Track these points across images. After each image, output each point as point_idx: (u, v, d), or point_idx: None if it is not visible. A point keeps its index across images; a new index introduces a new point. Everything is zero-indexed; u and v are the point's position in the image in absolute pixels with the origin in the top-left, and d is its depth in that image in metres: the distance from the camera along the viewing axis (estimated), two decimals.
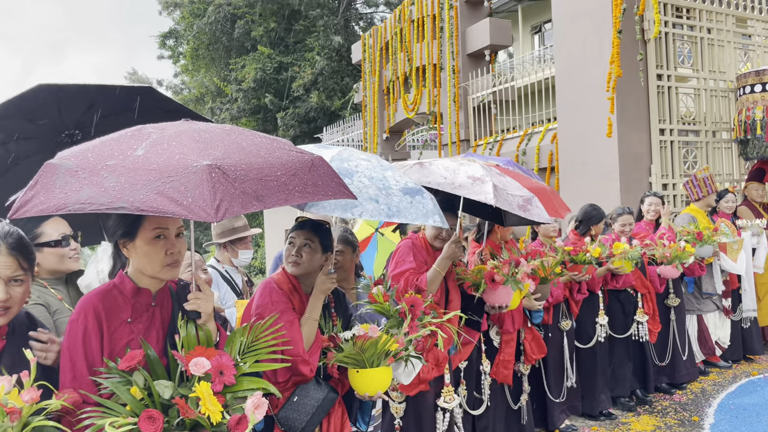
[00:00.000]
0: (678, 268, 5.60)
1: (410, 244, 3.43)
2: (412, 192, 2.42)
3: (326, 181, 1.80)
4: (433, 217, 2.38)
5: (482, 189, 3.04)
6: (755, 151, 7.07)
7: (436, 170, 3.13)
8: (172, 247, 1.93)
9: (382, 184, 2.35)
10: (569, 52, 7.66)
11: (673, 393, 5.75)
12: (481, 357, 4.05)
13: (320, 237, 2.64)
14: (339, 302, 2.78)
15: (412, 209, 2.35)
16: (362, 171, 2.36)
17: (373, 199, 2.26)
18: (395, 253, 3.43)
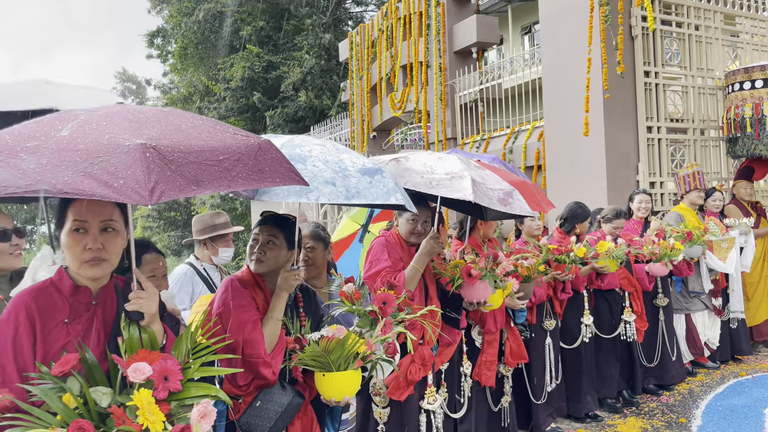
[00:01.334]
0: (667, 266, 5.50)
1: (384, 241, 3.29)
2: (371, 172, 2.28)
3: (274, 166, 1.66)
4: (395, 195, 2.25)
5: (460, 185, 2.92)
6: (744, 149, 6.97)
7: (413, 167, 3.00)
8: (93, 242, 1.75)
9: (338, 167, 2.22)
10: (556, 50, 7.56)
11: (660, 394, 5.64)
12: (462, 358, 3.91)
13: (285, 233, 2.50)
14: (308, 301, 2.64)
15: (372, 189, 2.22)
16: (316, 155, 2.22)
17: (329, 182, 2.13)
18: (369, 253, 3.29)
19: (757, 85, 6.89)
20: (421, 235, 3.33)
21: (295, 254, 2.47)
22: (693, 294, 6.14)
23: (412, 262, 3.24)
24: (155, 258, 2.44)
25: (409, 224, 3.32)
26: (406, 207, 2.37)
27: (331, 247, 3.17)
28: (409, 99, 11.41)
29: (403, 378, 3.29)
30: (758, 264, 6.84)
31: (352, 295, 2.65)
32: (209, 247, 3.93)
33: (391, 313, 2.58)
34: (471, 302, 3.35)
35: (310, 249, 3.05)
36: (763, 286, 6.91)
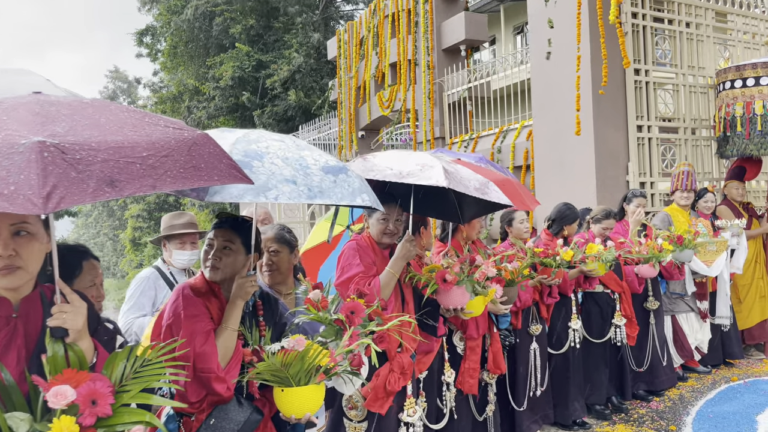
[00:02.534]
0: (655, 267, 5.34)
1: (355, 245, 3.11)
2: (335, 170, 2.11)
3: (212, 162, 1.48)
4: (361, 196, 2.08)
5: (432, 173, 2.75)
6: (735, 148, 6.83)
7: (381, 162, 2.84)
8: (3, 249, 1.55)
9: (298, 164, 2.04)
10: (544, 48, 7.39)
11: (650, 400, 5.50)
12: (443, 366, 3.74)
13: (242, 237, 2.33)
14: (269, 309, 2.46)
15: (336, 189, 2.05)
16: (274, 152, 2.05)
17: (289, 181, 1.96)
18: (340, 258, 3.11)
19: (748, 83, 6.74)
20: (394, 234, 3.16)
21: (251, 259, 2.29)
22: (675, 295, 5.99)
23: (388, 266, 3.06)
24: (94, 265, 2.24)
25: (380, 224, 3.15)
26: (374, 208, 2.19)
27: (297, 251, 2.98)
28: (398, 98, 11.24)
29: (381, 388, 3.11)
30: (750, 266, 6.70)
31: (318, 302, 2.47)
32: (167, 249, 3.73)
33: (360, 323, 2.41)
34: (447, 309, 3.18)
35: (274, 253, 2.87)
36: (755, 289, 6.78)
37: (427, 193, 3.29)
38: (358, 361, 2.20)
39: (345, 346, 2.30)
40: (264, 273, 2.84)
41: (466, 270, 3.15)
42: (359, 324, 2.41)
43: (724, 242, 6.00)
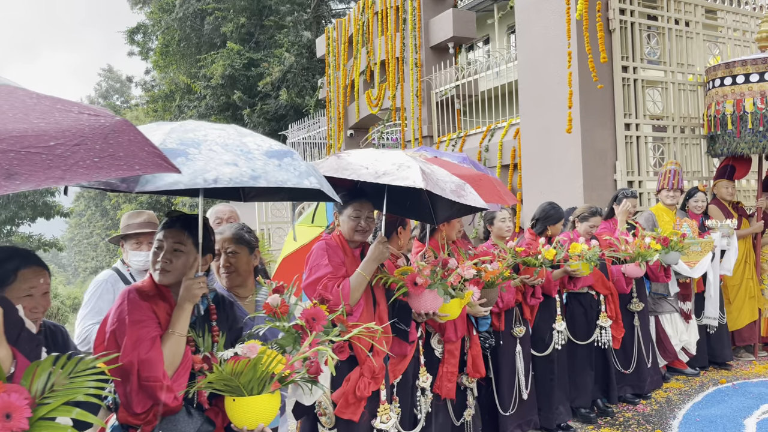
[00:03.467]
0: (641, 266, 5.23)
1: (324, 245, 2.98)
2: (279, 154, 1.99)
3: (132, 151, 1.35)
4: (309, 179, 1.95)
5: (408, 174, 2.64)
6: (725, 147, 6.71)
7: (356, 161, 2.72)
8: None
9: (240, 150, 1.92)
10: (532, 45, 7.28)
11: (637, 403, 5.39)
12: (418, 370, 3.61)
13: (194, 237, 2.20)
14: (224, 313, 2.33)
15: (281, 172, 1.92)
16: (213, 139, 1.92)
17: (230, 164, 1.83)
18: (308, 259, 2.98)
19: (738, 80, 6.63)
20: (366, 231, 3.04)
21: (199, 260, 2.16)
22: (657, 296, 5.88)
23: (359, 268, 2.94)
24: (35, 273, 2.06)
25: (351, 221, 3.02)
26: (325, 193, 2.05)
27: (258, 251, 2.84)
28: (386, 96, 11.10)
29: (351, 394, 2.99)
30: (740, 266, 6.60)
31: (277, 307, 2.34)
32: (125, 249, 3.57)
33: (321, 330, 2.28)
34: (419, 313, 3.05)
35: (231, 254, 2.73)
36: (744, 290, 6.67)
37: (400, 193, 3.17)
38: (316, 369, 2.08)
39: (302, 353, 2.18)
40: (222, 275, 2.71)
41: (438, 273, 3.02)
42: (320, 331, 2.29)
43: (709, 243, 5.89)
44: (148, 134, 1.72)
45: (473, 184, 3.70)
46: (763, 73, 6.47)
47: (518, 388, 4.71)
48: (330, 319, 2.40)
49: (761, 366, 6.33)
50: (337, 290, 2.84)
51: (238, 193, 2.60)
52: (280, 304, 2.35)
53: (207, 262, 2.28)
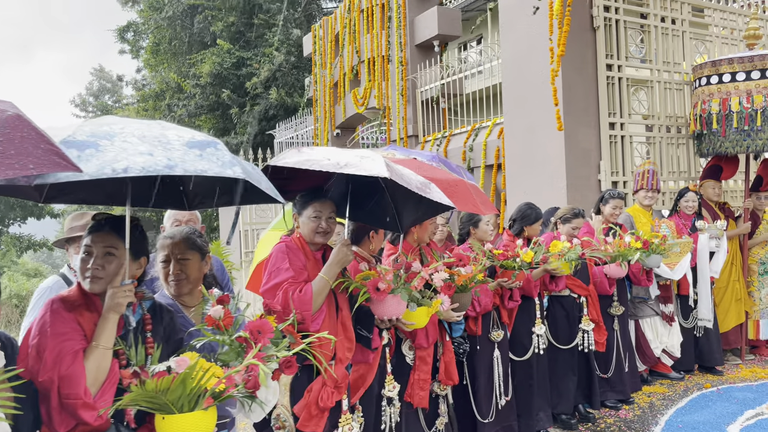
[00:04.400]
0: (623, 266, 5.11)
1: (284, 248, 2.83)
2: (201, 145, 1.85)
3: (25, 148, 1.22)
4: (233, 168, 1.81)
5: (372, 165, 2.51)
6: (710, 146, 6.61)
7: (318, 154, 2.57)
8: None
9: (158, 141, 1.79)
10: (516, 43, 7.14)
11: (619, 408, 5.27)
12: (384, 378, 3.47)
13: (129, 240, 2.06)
14: (160, 324, 2.19)
15: (202, 161, 1.78)
16: (130, 132, 1.78)
17: (145, 153, 1.70)
18: (267, 262, 2.84)
19: (724, 79, 6.53)
20: (327, 233, 2.90)
21: (126, 266, 2.02)
22: (638, 299, 5.76)
23: (321, 272, 2.79)
24: None
25: (312, 222, 2.87)
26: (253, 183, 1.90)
27: (209, 257, 2.69)
28: (372, 95, 10.96)
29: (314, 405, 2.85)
30: (726, 268, 6.49)
31: (219, 319, 2.20)
32: (69, 254, 3.41)
33: (267, 344, 2.14)
34: (382, 319, 2.91)
35: (182, 260, 2.58)
36: (731, 292, 6.56)
37: (364, 199, 3.04)
38: (253, 384, 1.94)
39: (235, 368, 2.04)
40: (170, 282, 2.56)
41: (402, 277, 2.88)
42: (266, 345, 2.15)
43: (688, 243, 5.78)
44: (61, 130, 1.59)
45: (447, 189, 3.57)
46: (749, 71, 6.36)
47: (497, 394, 4.58)
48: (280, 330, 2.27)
49: (747, 370, 6.21)
50: (298, 296, 2.69)
51: (181, 201, 2.45)
52: (224, 315, 2.21)
53: (142, 266, 2.14)
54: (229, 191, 2.34)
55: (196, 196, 2.45)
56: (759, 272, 6.70)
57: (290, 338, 2.26)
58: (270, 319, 2.26)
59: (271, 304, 2.32)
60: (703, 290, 6.13)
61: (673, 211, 6.49)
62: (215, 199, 2.40)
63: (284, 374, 2.08)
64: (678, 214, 6.36)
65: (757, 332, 6.69)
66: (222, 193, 2.35)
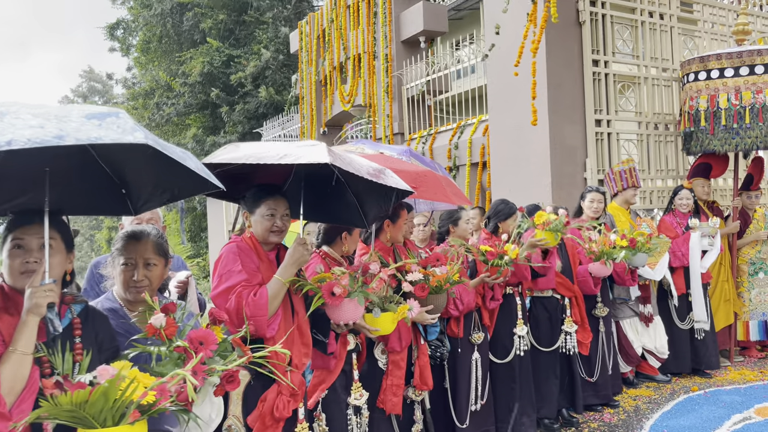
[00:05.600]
0: (607, 265, 4.96)
1: (234, 248, 2.65)
2: (101, 115, 1.69)
3: None
4: (134, 134, 1.65)
5: (313, 151, 2.35)
6: (699, 144, 6.46)
7: (256, 147, 2.41)
8: None
9: (54, 115, 1.63)
10: (501, 38, 6.98)
11: (603, 411, 5.13)
12: (350, 383, 3.30)
13: (62, 233, 1.92)
14: (92, 329, 2.01)
15: (98, 130, 1.62)
16: (26, 111, 1.62)
17: (35, 126, 1.54)
18: (216, 264, 2.66)
19: (712, 75, 6.39)
20: (282, 231, 2.72)
21: (46, 264, 1.85)
22: (619, 300, 5.62)
23: (277, 273, 2.61)
24: None
25: (266, 221, 2.69)
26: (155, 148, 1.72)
27: (170, 262, 2.51)
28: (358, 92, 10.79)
29: (269, 415, 2.68)
30: (715, 268, 6.35)
31: (161, 328, 2.04)
32: None
33: (209, 356, 1.98)
34: (338, 324, 2.75)
35: (149, 266, 2.38)
36: (719, 292, 6.42)
37: (323, 196, 2.87)
38: (185, 396, 1.77)
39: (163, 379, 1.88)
40: (131, 289, 2.36)
41: (359, 280, 2.71)
42: (209, 357, 1.99)
43: (666, 242, 5.64)
44: None
45: (414, 180, 3.42)
46: (738, 67, 6.23)
47: (472, 397, 4.43)
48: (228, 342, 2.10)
49: (736, 372, 6.08)
50: (253, 300, 2.52)
51: (127, 206, 2.27)
52: (166, 324, 2.05)
53: (71, 260, 1.98)
54: (171, 187, 2.18)
55: (139, 197, 2.27)
56: (749, 272, 6.57)
57: (238, 351, 2.10)
58: (216, 330, 2.09)
59: (217, 313, 2.14)
60: (696, 291, 5.98)
61: (667, 209, 6.36)
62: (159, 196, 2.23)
63: (226, 389, 1.91)
64: (673, 213, 6.22)
65: (747, 333, 6.55)
66: (166, 189, 2.18)
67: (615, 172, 5.89)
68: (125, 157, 2.04)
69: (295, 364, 2.68)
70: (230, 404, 2.54)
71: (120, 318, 2.37)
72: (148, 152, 1.69)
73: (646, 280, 5.64)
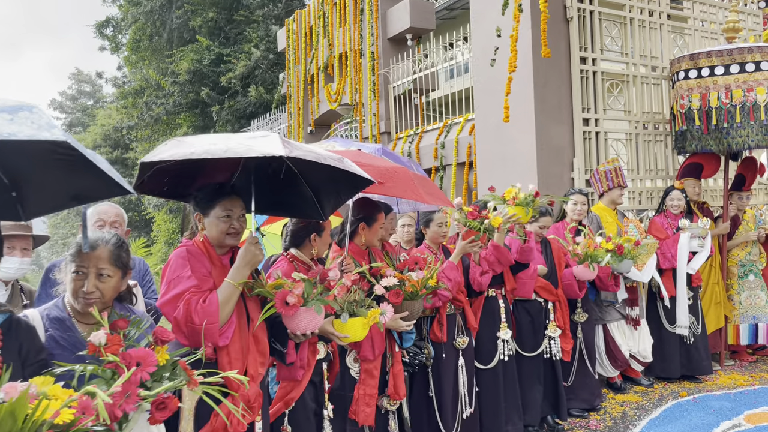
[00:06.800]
0: (591, 268, 4.82)
1: (183, 253, 2.47)
2: (14, 109, 1.53)
3: None
4: (51, 130, 1.49)
5: (265, 142, 2.17)
6: (695, 143, 6.30)
7: (201, 140, 2.22)
8: None
9: None
10: (486, 35, 6.82)
11: (589, 418, 4.99)
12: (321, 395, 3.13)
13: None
14: (15, 341, 1.85)
15: (10, 125, 1.47)
16: None
17: None
18: (164, 270, 2.48)
19: (703, 73, 6.24)
20: (239, 233, 2.55)
21: None
22: (606, 303, 5.48)
23: (228, 276, 2.44)
24: None
25: (222, 223, 2.51)
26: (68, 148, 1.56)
27: (130, 273, 2.33)
28: (345, 91, 10.62)
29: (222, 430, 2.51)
30: (705, 271, 6.21)
31: (101, 346, 1.87)
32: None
33: (147, 378, 1.81)
34: (295, 333, 2.58)
35: (102, 277, 2.21)
36: (710, 295, 6.28)
37: (274, 188, 2.69)
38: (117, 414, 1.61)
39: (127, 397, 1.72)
40: (80, 300, 2.18)
41: (320, 288, 2.54)
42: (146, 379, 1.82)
43: (654, 244, 5.50)
44: None
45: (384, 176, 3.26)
46: (728, 65, 6.09)
47: (461, 405, 4.29)
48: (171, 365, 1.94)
49: (726, 377, 5.94)
50: (202, 307, 2.35)
51: (16, 210, 2.08)
52: (109, 342, 1.88)
53: None
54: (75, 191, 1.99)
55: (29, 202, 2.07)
56: (739, 275, 6.43)
57: (183, 376, 1.93)
58: (159, 351, 1.92)
59: (161, 333, 1.97)
60: (681, 293, 5.85)
61: (659, 210, 6.22)
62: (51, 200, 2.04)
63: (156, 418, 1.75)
64: (664, 213, 6.09)
65: (738, 337, 6.41)
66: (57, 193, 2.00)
67: (600, 172, 5.76)
68: (21, 156, 1.86)
69: (251, 375, 2.51)
70: (181, 420, 2.37)
71: (66, 329, 2.20)
72: (57, 152, 1.52)
73: (634, 282, 5.50)
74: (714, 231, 6.24)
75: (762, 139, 5.93)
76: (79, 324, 2.25)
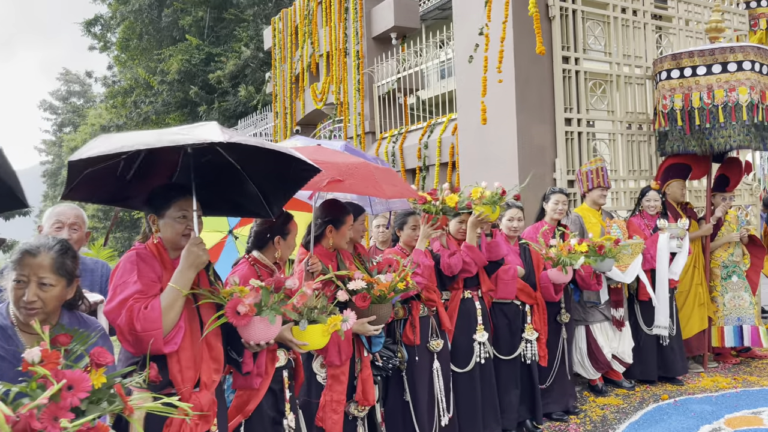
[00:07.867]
0: (564, 271, 4.74)
1: (133, 257, 2.37)
2: None
3: None
4: None
5: (203, 130, 2.09)
6: (678, 144, 6.24)
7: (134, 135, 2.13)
8: None
9: None
10: (469, 34, 6.75)
11: (568, 421, 4.92)
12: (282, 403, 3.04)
13: None
14: None
15: None
16: None
17: None
18: (112, 275, 2.39)
19: (686, 73, 6.18)
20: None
21: None
22: (589, 304, 5.41)
23: (171, 281, 2.34)
24: None
25: (178, 224, 2.41)
26: None
27: (77, 281, 2.23)
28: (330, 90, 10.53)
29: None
30: (688, 272, 6.14)
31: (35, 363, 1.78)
32: None
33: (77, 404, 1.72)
34: (248, 343, 2.49)
35: (43, 286, 2.11)
36: (693, 296, 6.21)
37: (216, 187, 2.60)
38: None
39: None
40: (21, 309, 2.09)
41: (277, 296, 2.44)
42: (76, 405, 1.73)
43: (639, 244, 5.44)
44: None
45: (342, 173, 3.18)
46: (710, 65, 6.03)
47: (439, 410, 4.21)
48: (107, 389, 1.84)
49: (709, 379, 5.88)
50: (144, 313, 2.25)
51: None
52: (45, 359, 1.78)
53: None
54: None
55: None
56: (722, 276, 6.37)
57: (118, 401, 1.84)
58: (95, 375, 1.82)
59: (99, 355, 1.87)
60: (661, 294, 5.77)
61: (635, 211, 6.16)
62: None
63: None
64: (641, 214, 6.02)
65: (722, 339, 6.34)
66: None
67: (582, 172, 5.69)
68: None
69: (204, 382, 2.42)
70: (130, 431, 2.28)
71: (8, 339, 2.11)
72: None
73: (617, 284, 5.44)
74: (697, 232, 6.18)
75: (744, 140, 5.87)
76: (23, 334, 2.15)
